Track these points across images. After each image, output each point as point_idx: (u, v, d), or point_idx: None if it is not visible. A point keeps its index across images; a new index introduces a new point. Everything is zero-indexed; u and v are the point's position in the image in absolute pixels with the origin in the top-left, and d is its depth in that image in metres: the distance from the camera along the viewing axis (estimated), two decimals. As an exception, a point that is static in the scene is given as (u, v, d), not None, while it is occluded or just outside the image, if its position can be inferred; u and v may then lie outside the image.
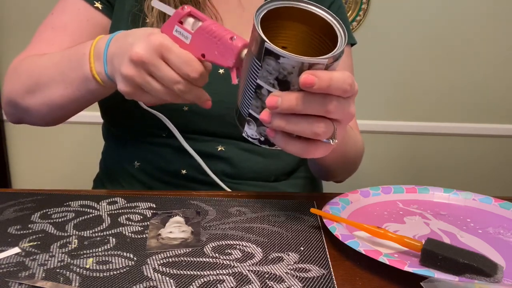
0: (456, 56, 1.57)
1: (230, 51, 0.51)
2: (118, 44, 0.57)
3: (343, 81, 0.45)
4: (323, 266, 0.48)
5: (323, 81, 0.44)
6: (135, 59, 0.53)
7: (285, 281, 0.45)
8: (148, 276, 0.46)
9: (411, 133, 1.64)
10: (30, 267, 0.47)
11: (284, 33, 0.52)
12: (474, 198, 0.66)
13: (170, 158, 0.77)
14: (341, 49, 0.46)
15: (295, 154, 0.50)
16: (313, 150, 0.50)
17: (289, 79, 0.46)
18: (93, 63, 0.60)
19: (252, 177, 0.80)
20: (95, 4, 0.77)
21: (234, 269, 0.47)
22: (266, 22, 0.48)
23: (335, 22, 0.49)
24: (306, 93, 0.46)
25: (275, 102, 0.46)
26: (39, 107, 0.69)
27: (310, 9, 0.49)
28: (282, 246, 0.52)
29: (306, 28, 0.51)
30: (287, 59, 0.44)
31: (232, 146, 0.78)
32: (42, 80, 0.67)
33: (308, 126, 0.47)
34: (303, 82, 0.44)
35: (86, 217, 0.59)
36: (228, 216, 0.60)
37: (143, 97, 0.57)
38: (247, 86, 0.49)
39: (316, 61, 0.44)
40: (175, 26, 0.54)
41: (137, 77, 0.54)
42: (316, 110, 0.46)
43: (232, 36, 0.51)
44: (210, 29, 0.52)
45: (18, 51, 0.77)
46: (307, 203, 0.65)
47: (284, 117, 0.47)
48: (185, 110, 0.75)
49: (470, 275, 0.45)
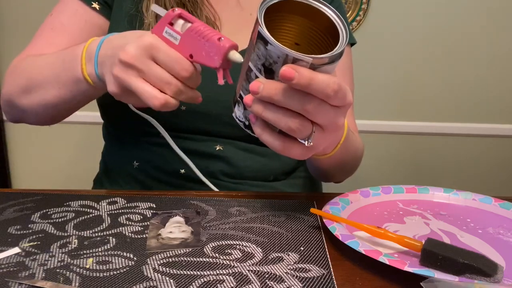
0: (456, 56, 1.57)
1: (217, 52, 0.51)
2: (109, 46, 0.57)
3: (326, 85, 0.45)
4: (323, 266, 0.48)
5: (303, 79, 0.44)
6: (125, 60, 0.52)
7: (285, 281, 0.45)
8: (148, 276, 0.46)
9: (411, 133, 1.64)
10: (30, 267, 0.47)
11: (289, 27, 0.52)
12: (474, 198, 0.66)
13: (168, 158, 0.77)
14: (337, 52, 0.46)
15: (270, 146, 0.50)
16: (288, 147, 0.50)
17: (274, 69, 0.46)
18: (85, 65, 0.60)
19: (251, 177, 0.80)
20: (92, 5, 0.78)
21: (234, 269, 0.47)
22: (274, 14, 0.49)
23: (339, 22, 0.48)
24: (288, 87, 0.45)
25: (257, 88, 0.46)
26: (34, 107, 0.69)
27: (318, 6, 0.49)
28: (282, 246, 0.52)
29: (312, 24, 0.51)
30: (273, 47, 0.44)
31: (230, 146, 0.78)
32: (37, 81, 0.67)
33: (283, 118, 0.47)
34: (282, 73, 0.44)
35: (86, 217, 0.59)
36: (228, 216, 0.60)
37: (131, 99, 0.57)
38: (243, 67, 0.50)
39: (300, 57, 0.44)
40: (165, 27, 0.54)
41: (126, 78, 0.53)
42: (294, 106, 0.46)
43: (220, 37, 0.51)
44: (198, 29, 0.52)
45: (18, 51, 0.77)
46: (307, 203, 0.65)
47: (264, 104, 0.47)
48: (182, 110, 0.76)
49: (470, 275, 0.45)
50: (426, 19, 1.55)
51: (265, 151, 0.81)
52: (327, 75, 0.45)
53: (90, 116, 1.58)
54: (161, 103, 0.53)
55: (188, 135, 0.77)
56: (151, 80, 0.53)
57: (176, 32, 0.53)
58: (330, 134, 0.50)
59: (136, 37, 0.54)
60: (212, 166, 0.77)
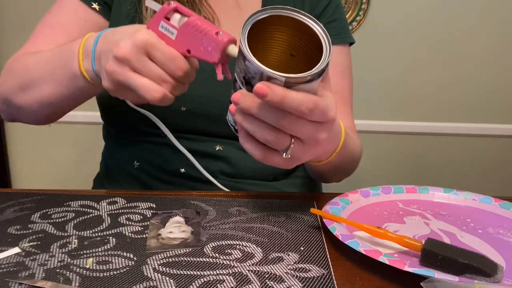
0: (456, 56, 1.57)
1: (215, 47, 0.50)
2: (105, 41, 0.57)
3: (299, 102, 0.45)
4: (323, 266, 0.48)
5: (275, 96, 0.44)
6: (119, 56, 0.52)
7: (285, 281, 0.45)
8: (148, 276, 0.46)
9: (411, 133, 1.64)
10: (30, 267, 0.47)
11: (284, 39, 0.52)
12: (474, 198, 0.66)
13: (169, 157, 0.77)
14: (314, 72, 0.45)
15: (251, 155, 0.51)
16: (268, 157, 0.50)
17: (253, 83, 0.46)
18: (82, 61, 0.60)
19: (250, 176, 0.80)
20: (92, 5, 0.78)
21: (234, 269, 0.47)
22: (268, 26, 0.48)
23: (325, 39, 0.47)
24: (264, 102, 0.46)
25: (237, 99, 0.47)
26: (31, 104, 0.68)
27: (306, 21, 0.48)
28: (282, 246, 0.52)
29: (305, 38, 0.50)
30: (250, 63, 0.45)
31: (230, 146, 0.78)
32: (33, 78, 0.67)
33: (259, 129, 0.48)
34: (255, 90, 0.44)
35: (86, 217, 0.59)
36: (228, 216, 0.60)
37: (126, 95, 0.56)
38: (233, 75, 0.50)
39: (273, 75, 0.44)
40: (161, 22, 0.53)
41: (120, 74, 0.53)
42: (269, 120, 0.47)
43: (218, 32, 0.50)
44: (195, 24, 0.51)
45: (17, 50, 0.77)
46: (307, 203, 0.65)
47: (243, 115, 0.48)
48: (182, 111, 0.76)
49: (470, 275, 0.45)
50: (426, 19, 1.55)
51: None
52: (302, 93, 0.45)
53: (90, 116, 1.58)
54: (160, 96, 0.53)
55: (188, 135, 0.77)
56: (146, 75, 0.53)
57: (172, 26, 0.52)
58: (311, 147, 0.51)
59: (131, 32, 0.53)
60: (212, 165, 0.77)
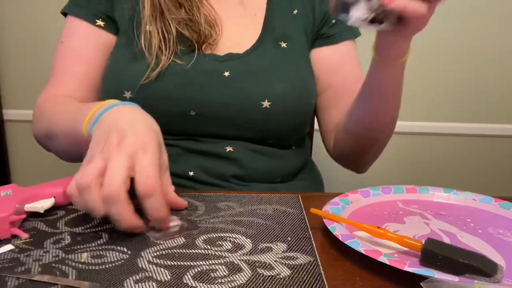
0: (456, 56, 1.57)
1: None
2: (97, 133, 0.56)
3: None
4: (309, 254, 0.51)
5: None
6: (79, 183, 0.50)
7: (275, 268, 0.47)
8: (143, 267, 0.47)
9: (411, 133, 1.64)
10: (25, 263, 0.47)
11: None
12: (474, 198, 0.66)
13: (177, 159, 0.78)
14: None
15: (417, 11, 0.56)
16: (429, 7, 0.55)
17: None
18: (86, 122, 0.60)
19: (260, 178, 0.80)
20: (96, 23, 0.79)
21: (226, 259, 0.49)
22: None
23: None
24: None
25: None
26: (55, 150, 0.78)
27: None
28: (270, 237, 0.54)
29: None
30: None
31: (240, 147, 0.79)
32: (54, 130, 0.73)
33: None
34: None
35: (76, 214, 0.60)
36: (217, 210, 0.62)
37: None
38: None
39: None
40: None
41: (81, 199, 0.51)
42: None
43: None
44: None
45: (18, 51, 0.77)
46: (292, 197, 0.67)
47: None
48: (192, 115, 0.76)
49: (470, 275, 0.45)
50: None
51: (272, 153, 0.81)
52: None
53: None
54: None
55: (198, 138, 0.78)
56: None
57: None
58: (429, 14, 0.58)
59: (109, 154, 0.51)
60: (223, 168, 0.78)
